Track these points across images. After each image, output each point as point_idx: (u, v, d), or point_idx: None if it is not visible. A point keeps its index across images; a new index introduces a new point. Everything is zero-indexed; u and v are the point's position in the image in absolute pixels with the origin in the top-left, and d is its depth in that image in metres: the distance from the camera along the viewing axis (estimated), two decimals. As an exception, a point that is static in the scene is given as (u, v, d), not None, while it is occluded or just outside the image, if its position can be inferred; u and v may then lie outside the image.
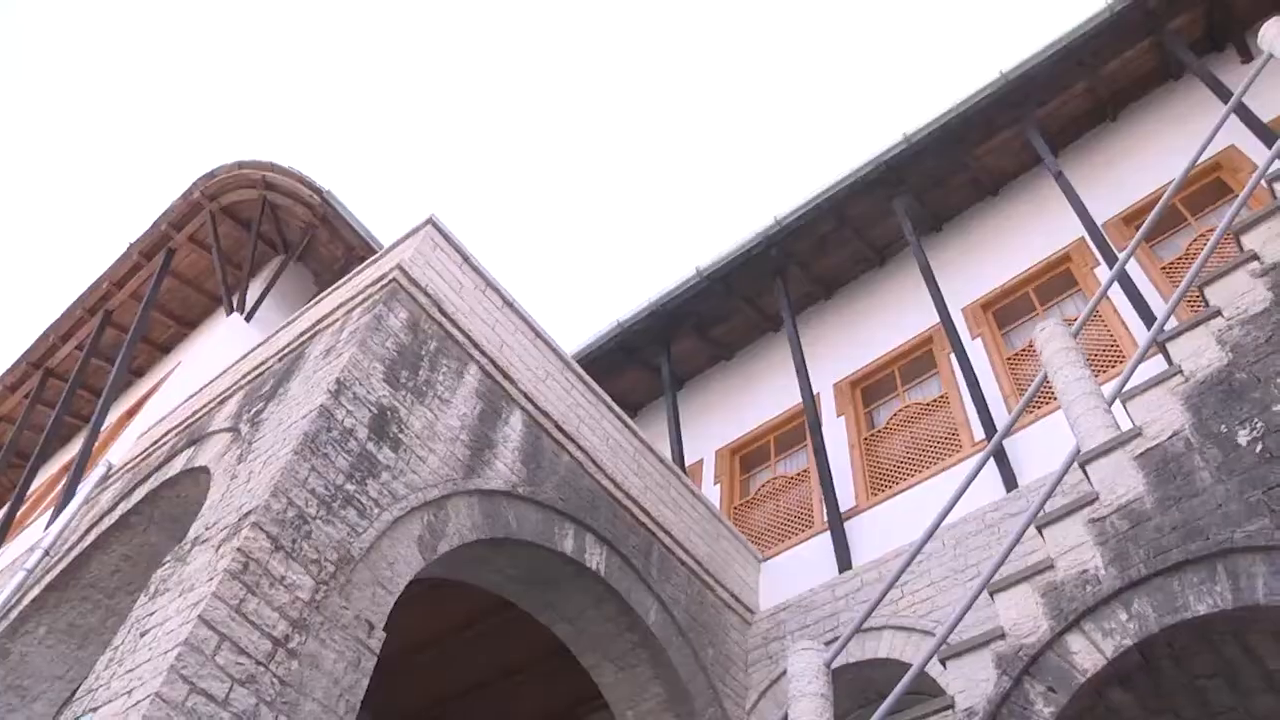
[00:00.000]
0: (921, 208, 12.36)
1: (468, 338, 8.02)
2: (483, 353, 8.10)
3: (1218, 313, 5.33)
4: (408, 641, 9.04)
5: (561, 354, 9.09)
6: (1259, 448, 4.66)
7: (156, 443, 9.38)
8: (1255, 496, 4.52)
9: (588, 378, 9.31)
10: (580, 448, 8.60)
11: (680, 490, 9.78)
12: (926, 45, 37.41)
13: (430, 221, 8.45)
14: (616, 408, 9.48)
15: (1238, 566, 4.38)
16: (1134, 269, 9.60)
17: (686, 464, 11.78)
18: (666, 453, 11.34)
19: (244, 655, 5.20)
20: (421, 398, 7.27)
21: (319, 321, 8.14)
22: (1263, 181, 6.11)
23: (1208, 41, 11.41)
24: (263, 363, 8.43)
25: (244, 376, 8.56)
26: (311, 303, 9.05)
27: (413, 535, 6.57)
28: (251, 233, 13.62)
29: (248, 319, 13.06)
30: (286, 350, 8.24)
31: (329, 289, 8.91)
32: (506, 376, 8.20)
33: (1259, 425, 4.74)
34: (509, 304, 8.73)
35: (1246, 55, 10.76)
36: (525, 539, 7.54)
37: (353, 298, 7.94)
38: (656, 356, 13.15)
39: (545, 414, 8.39)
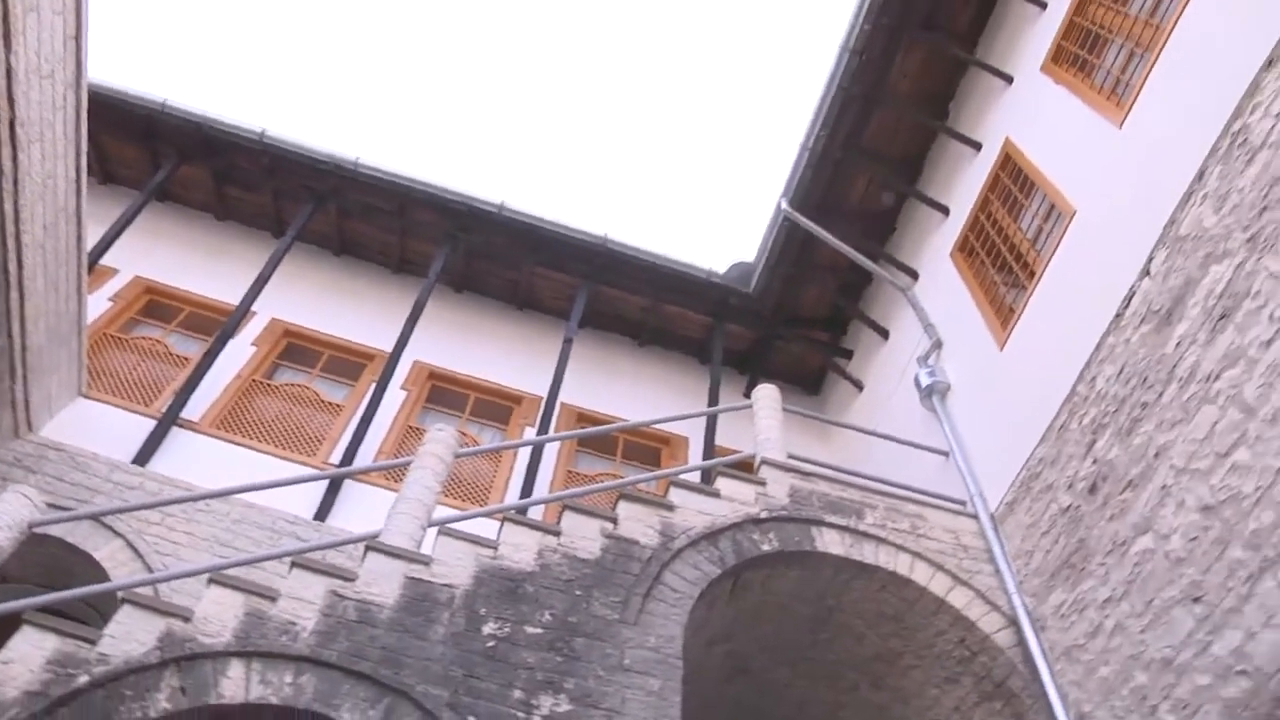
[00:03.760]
0: (465, 265, 12.62)
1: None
2: None
3: (558, 533, 5.93)
4: None
5: (82, 68, 8.13)
6: (491, 644, 5.18)
7: None
8: (456, 673, 4.99)
9: (84, 119, 8.40)
10: (16, 162, 7.63)
11: (73, 279, 8.91)
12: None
13: None
14: (85, 159, 8.61)
15: (399, 707, 4.79)
16: (550, 453, 10.49)
17: (102, 263, 10.77)
18: (96, 236, 10.36)
19: None
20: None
21: None
22: (684, 475, 7.01)
23: (743, 363, 13.07)
24: None
25: None
26: None
27: None
28: None
29: None
30: None
31: None
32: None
33: (505, 629, 5.28)
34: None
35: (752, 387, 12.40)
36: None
37: None
38: (167, 159, 12.10)
39: (13, 106, 7.42)
